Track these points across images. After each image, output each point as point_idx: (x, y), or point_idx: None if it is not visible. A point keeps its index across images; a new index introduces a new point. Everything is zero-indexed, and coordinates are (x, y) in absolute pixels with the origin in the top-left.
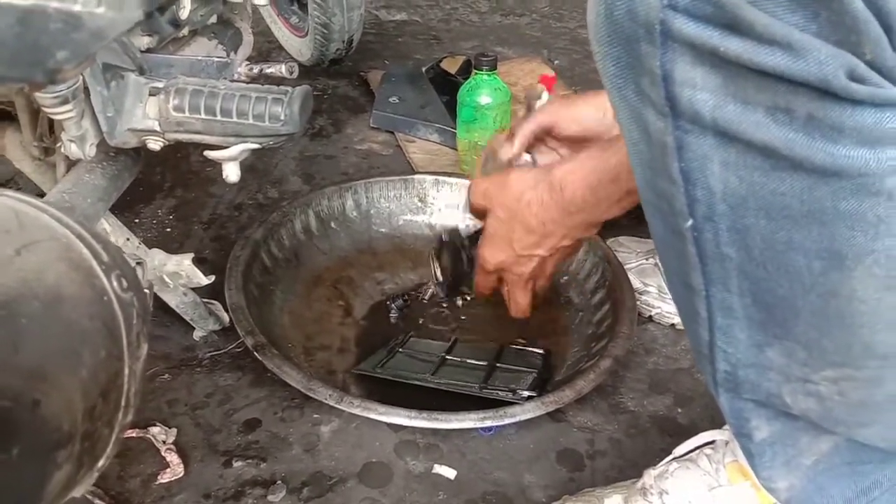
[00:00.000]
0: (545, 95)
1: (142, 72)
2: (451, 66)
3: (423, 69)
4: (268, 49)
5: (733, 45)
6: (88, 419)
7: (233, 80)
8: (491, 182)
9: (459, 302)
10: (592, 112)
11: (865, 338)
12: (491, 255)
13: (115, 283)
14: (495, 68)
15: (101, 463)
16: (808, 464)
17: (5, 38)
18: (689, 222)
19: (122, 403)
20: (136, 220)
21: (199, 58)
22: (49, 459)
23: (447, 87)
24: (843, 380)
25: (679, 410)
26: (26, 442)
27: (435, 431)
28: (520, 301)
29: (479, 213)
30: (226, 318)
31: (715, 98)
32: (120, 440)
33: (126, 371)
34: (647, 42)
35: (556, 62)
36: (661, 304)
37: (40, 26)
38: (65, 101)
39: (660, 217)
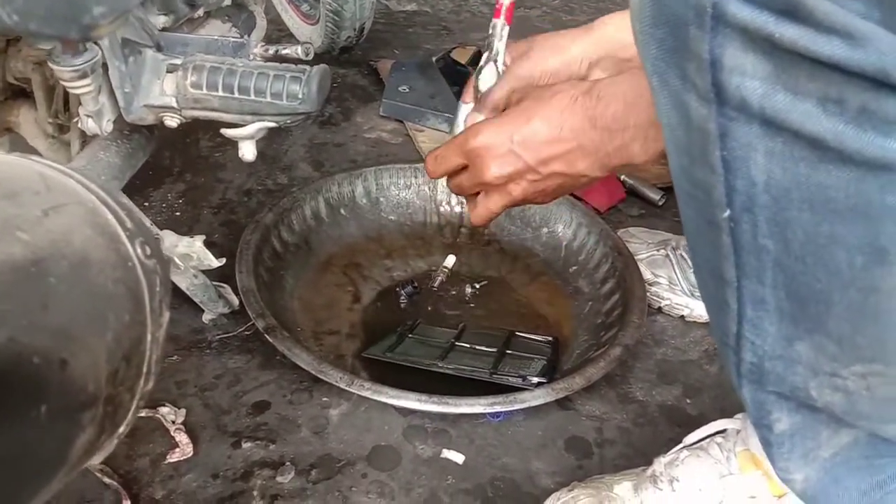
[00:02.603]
0: (504, 30)
1: (159, 49)
2: (462, 56)
3: (434, 59)
4: (277, 37)
5: (789, 32)
6: (112, 383)
7: (249, 60)
8: (535, 86)
9: (468, 289)
10: (556, 60)
11: None
12: (486, 132)
13: (139, 250)
14: None
15: (121, 429)
16: (826, 456)
17: None
18: (727, 213)
19: (144, 370)
20: (146, 204)
21: (215, 37)
22: (74, 420)
23: (457, 78)
24: (873, 375)
25: (688, 401)
26: (54, 400)
27: (443, 417)
28: (480, 208)
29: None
30: (235, 301)
31: (764, 86)
32: (140, 408)
33: (149, 337)
34: (696, 26)
35: None
36: (670, 295)
37: None
38: (84, 76)
39: (694, 206)
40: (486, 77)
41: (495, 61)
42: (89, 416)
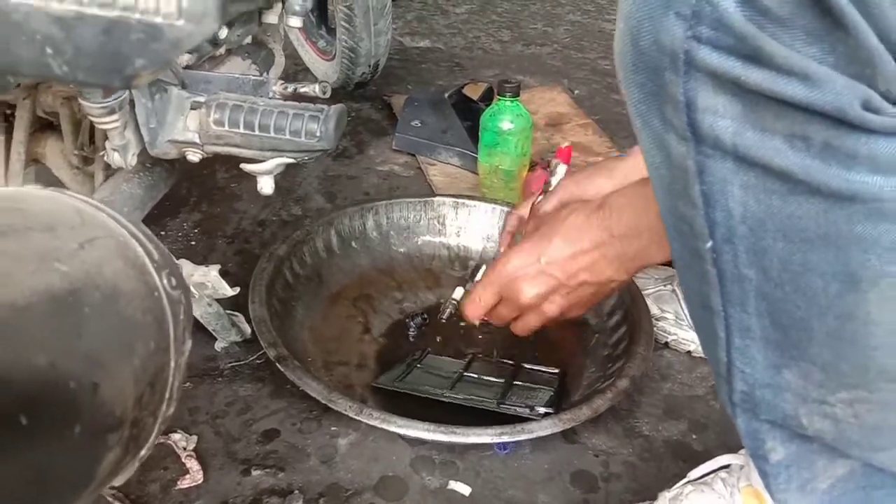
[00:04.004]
0: (561, 169)
1: (183, 86)
2: (473, 92)
3: (446, 94)
4: (294, 72)
5: (754, 75)
6: (137, 407)
7: (269, 98)
8: (547, 212)
9: (476, 322)
10: (605, 181)
11: (880, 360)
12: (514, 259)
13: (165, 281)
14: (518, 95)
15: (143, 452)
16: (824, 487)
17: (89, 46)
18: (709, 244)
19: (167, 395)
20: (163, 233)
21: (237, 75)
22: (103, 441)
23: (469, 113)
24: (858, 402)
25: (694, 436)
26: (86, 422)
27: (451, 448)
28: (519, 328)
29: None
30: (247, 329)
31: (735, 125)
32: (161, 432)
33: (172, 364)
34: (671, 71)
35: (576, 92)
36: (677, 330)
37: (123, 36)
38: (112, 112)
39: (680, 239)
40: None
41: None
42: (116, 438)
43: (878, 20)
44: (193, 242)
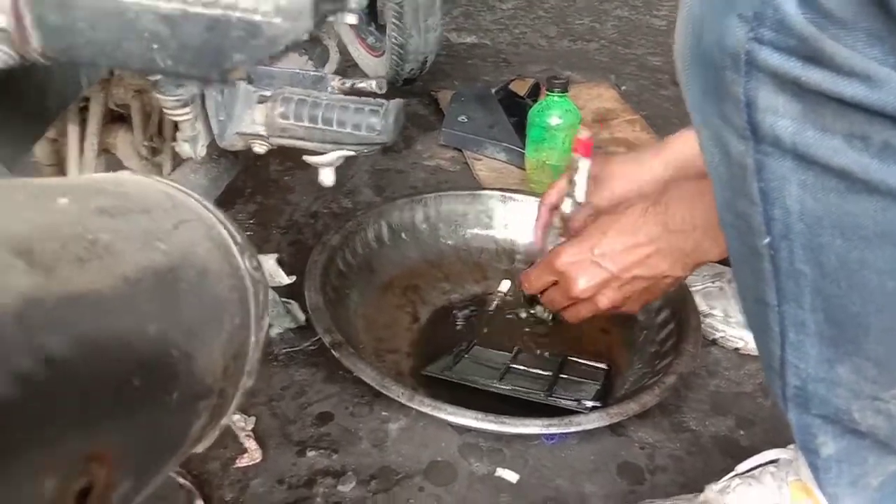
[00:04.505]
0: (583, 164)
1: (250, 81)
2: (520, 88)
3: (493, 90)
4: (344, 68)
5: (814, 76)
6: (223, 378)
7: (329, 93)
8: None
9: (523, 314)
10: (629, 188)
11: None
12: (568, 251)
13: (247, 262)
14: (567, 90)
15: (224, 420)
16: (875, 484)
17: (192, 42)
18: (766, 240)
19: (247, 368)
20: None
21: (297, 70)
22: (194, 408)
23: (515, 109)
24: None
25: (741, 433)
26: (182, 389)
27: (498, 437)
28: (570, 316)
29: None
30: (301, 317)
31: (795, 124)
32: (240, 402)
33: (252, 339)
34: (732, 70)
35: (623, 87)
36: (725, 327)
37: (224, 33)
38: (184, 105)
39: (737, 235)
40: (567, 206)
41: (572, 195)
42: (205, 405)
43: None
44: (249, 233)
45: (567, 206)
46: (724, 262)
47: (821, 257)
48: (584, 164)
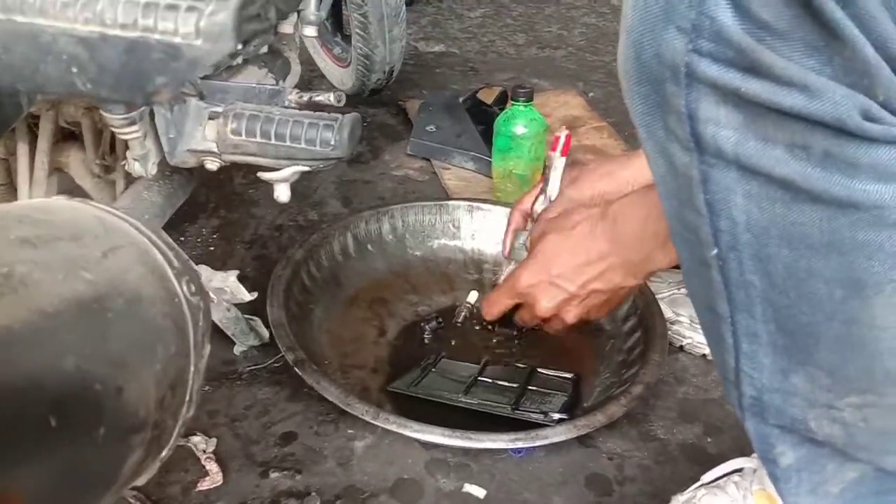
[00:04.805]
0: (560, 162)
1: (202, 97)
2: (488, 96)
3: (460, 99)
4: (310, 78)
5: (753, 87)
6: (159, 409)
7: (284, 107)
8: (551, 219)
9: (490, 325)
10: (605, 183)
11: (887, 364)
12: (525, 275)
13: (184, 287)
14: (531, 100)
15: (164, 453)
16: (835, 492)
17: (112, 66)
18: (714, 251)
19: (187, 398)
20: (182, 239)
21: (253, 85)
22: (126, 442)
23: (483, 117)
24: (867, 406)
25: (708, 440)
26: (110, 424)
27: (465, 451)
28: (529, 323)
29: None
30: (265, 333)
31: (737, 135)
32: (181, 433)
33: (192, 368)
34: (672, 83)
35: (590, 94)
36: (692, 334)
37: (144, 56)
38: (132, 123)
39: (687, 247)
40: (541, 205)
41: (545, 191)
42: (139, 439)
43: (874, 31)
44: (212, 248)
45: (539, 204)
46: (678, 267)
47: (769, 267)
48: (559, 162)
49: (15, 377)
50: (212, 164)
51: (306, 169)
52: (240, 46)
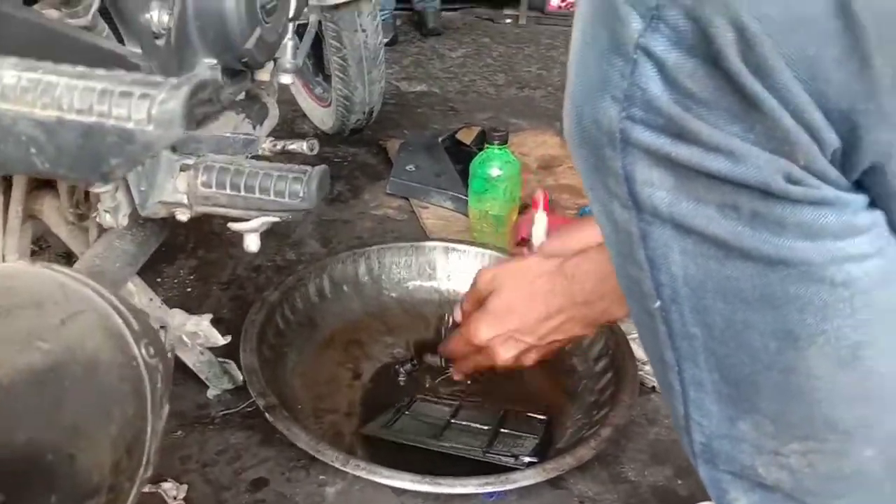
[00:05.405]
0: (540, 217)
1: (173, 149)
2: (467, 136)
3: (440, 139)
4: (292, 117)
5: (683, 151)
6: (114, 473)
7: (257, 156)
8: (504, 267)
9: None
10: (586, 233)
11: (825, 412)
12: (483, 330)
13: (143, 351)
14: (507, 142)
15: None
16: None
17: (69, 148)
18: (658, 303)
19: (144, 460)
20: (159, 280)
21: (227, 135)
22: None
23: (461, 157)
24: (811, 452)
25: (679, 482)
26: (62, 492)
27: (436, 497)
28: (481, 368)
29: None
30: (240, 377)
31: (670, 196)
32: (139, 495)
33: (149, 430)
34: (609, 147)
35: None
36: None
37: (99, 139)
38: None
39: (633, 299)
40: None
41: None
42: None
43: (791, 102)
44: (189, 289)
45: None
46: None
47: (707, 319)
48: (541, 217)
49: None
50: (182, 216)
51: (276, 220)
52: (190, 131)
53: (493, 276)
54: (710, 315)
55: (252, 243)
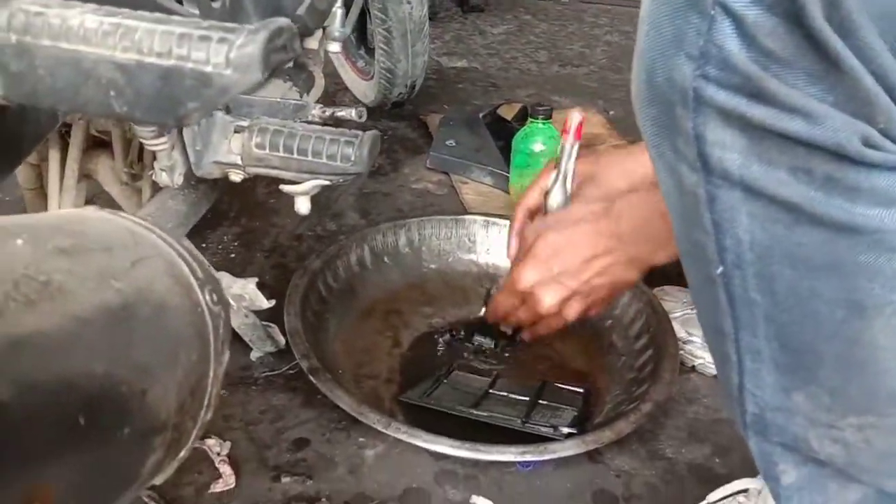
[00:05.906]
0: (574, 149)
1: (228, 111)
2: (508, 112)
3: (481, 114)
4: (334, 90)
5: (758, 112)
6: (179, 412)
7: (307, 122)
8: (550, 215)
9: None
10: (623, 182)
11: (889, 385)
12: (527, 274)
13: (207, 297)
14: (550, 117)
15: (182, 454)
16: None
17: (147, 90)
18: (720, 269)
19: (206, 402)
20: (204, 245)
21: (278, 99)
22: (148, 442)
23: (502, 133)
24: (868, 427)
25: (717, 460)
26: (134, 425)
27: (475, 463)
28: (541, 329)
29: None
30: (282, 340)
31: (742, 157)
32: (199, 436)
33: (211, 374)
34: (681, 106)
35: (611, 112)
36: (704, 354)
37: (177, 82)
38: (160, 135)
39: (693, 264)
40: (556, 196)
41: (564, 182)
42: (160, 440)
43: (873, 62)
44: (233, 255)
45: (556, 197)
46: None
47: (772, 286)
48: (575, 149)
49: (49, 379)
50: (236, 176)
51: (326, 183)
52: (266, 76)
53: (538, 223)
54: (775, 282)
55: (303, 206)
